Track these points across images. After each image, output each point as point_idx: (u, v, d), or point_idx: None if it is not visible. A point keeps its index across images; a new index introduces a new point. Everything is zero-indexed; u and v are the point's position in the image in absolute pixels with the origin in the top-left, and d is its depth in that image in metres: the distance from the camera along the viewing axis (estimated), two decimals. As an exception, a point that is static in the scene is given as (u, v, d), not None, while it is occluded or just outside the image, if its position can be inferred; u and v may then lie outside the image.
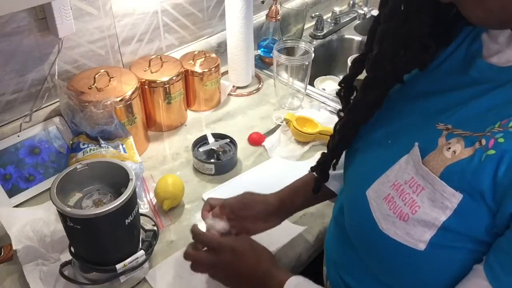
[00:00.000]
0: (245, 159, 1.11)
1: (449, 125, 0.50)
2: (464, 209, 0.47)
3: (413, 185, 0.50)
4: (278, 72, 1.29)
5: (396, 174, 0.53)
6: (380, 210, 0.54)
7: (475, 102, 0.50)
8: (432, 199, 0.48)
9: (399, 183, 0.52)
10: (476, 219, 0.47)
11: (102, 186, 0.79)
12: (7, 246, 0.85)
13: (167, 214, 0.96)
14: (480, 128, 0.47)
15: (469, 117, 0.50)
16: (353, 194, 0.62)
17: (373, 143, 0.61)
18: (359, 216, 0.59)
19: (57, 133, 1.05)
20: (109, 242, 0.74)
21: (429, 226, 0.49)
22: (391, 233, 0.52)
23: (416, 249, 0.50)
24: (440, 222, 0.48)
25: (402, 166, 0.53)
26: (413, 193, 0.50)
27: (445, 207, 0.47)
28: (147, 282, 0.82)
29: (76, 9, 1.00)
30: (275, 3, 1.39)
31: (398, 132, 0.58)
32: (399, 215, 0.51)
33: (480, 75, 0.52)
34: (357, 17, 1.71)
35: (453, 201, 0.47)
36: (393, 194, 0.52)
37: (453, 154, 0.48)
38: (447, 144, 0.49)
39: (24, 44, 0.95)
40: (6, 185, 0.95)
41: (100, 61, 1.12)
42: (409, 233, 0.50)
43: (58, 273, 0.78)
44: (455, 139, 0.49)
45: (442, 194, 0.48)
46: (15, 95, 0.99)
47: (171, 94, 1.14)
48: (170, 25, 1.25)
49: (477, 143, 0.46)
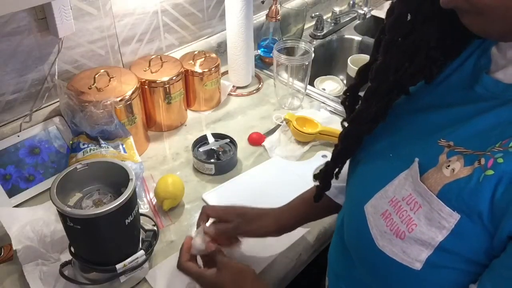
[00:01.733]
0: (245, 159, 1.11)
1: (451, 142, 0.49)
2: (462, 230, 0.45)
3: (410, 202, 0.49)
4: (278, 72, 1.29)
5: (395, 190, 0.52)
6: (377, 226, 0.52)
7: (478, 120, 0.48)
8: (429, 218, 0.47)
9: (397, 199, 0.51)
10: (474, 240, 0.45)
11: (102, 186, 0.79)
12: (7, 246, 0.85)
13: (167, 214, 0.96)
14: (481, 146, 0.46)
15: (472, 134, 0.48)
16: (352, 208, 0.61)
17: (375, 155, 0.60)
18: (357, 232, 0.58)
19: (57, 133, 1.05)
20: (109, 242, 0.74)
21: (426, 246, 0.47)
22: (387, 250, 0.50)
23: (413, 268, 0.49)
24: (436, 242, 0.47)
25: (401, 182, 0.51)
26: (411, 211, 0.49)
27: (442, 227, 0.46)
28: (147, 282, 0.82)
29: (76, 9, 1.00)
30: (275, 3, 1.39)
31: (400, 146, 0.56)
32: (395, 232, 0.50)
33: (486, 91, 0.50)
34: (357, 17, 1.70)
35: (451, 221, 0.45)
36: (390, 210, 0.51)
37: (451, 172, 0.46)
38: (447, 162, 0.47)
39: (24, 44, 0.95)
40: (6, 185, 0.95)
41: (100, 61, 1.12)
42: (406, 251, 0.49)
43: (58, 273, 0.78)
44: (456, 157, 0.47)
45: (439, 213, 0.46)
46: (15, 95, 0.99)
47: (171, 94, 1.14)
48: (170, 25, 1.25)
49: (476, 162, 0.45)
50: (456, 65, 0.57)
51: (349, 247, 0.62)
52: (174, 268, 0.83)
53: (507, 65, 0.49)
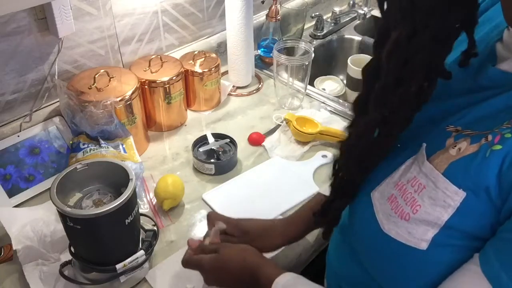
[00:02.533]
0: (245, 159, 1.11)
1: (459, 127, 0.50)
2: (468, 207, 0.46)
3: (415, 184, 0.50)
4: (278, 72, 1.29)
5: (401, 175, 0.52)
6: (383, 210, 0.53)
7: (485, 104, 0.49)
8: (433, 198, 0.48)
9: (402, 182, 0.52)
10: (481, 217, 0.46)
11: (102, 186, 0.79)
12: (7, 246, 0.85)
13: (167, 214, 0.96)
14: (488, 127, 0.47)
15: (479, 118, 0.49)
16: (359, 197, 0.61)
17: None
18: (362, 218, 0.58)
19: (57, 133, 1.05)
20: (109, 242, 0.74)
21: (431, 225, 0.48)
22: (392, 233, 0.51)
23: (418, 248, 0.49)
24: (442, 221, 0.47)
25: (408, 166, 0.52)
26: (415, 192, 0.50)
27: (447, 206, 0.47)
28: (147, 282, 0.82)
29: (76, 9, 1.00)
30: (275, 3, 1.39)
31: (408, 136, 0.57)
32: (400, 214, 0.51)
33: (491, 82, 0.51)
34: (357, 17, 1.71)
35: (456, 199, 0.46)
36: (396, 194, 0.52)
37: (458, 151, 0.47)
38: (454, 144, 0.48)
39: (24, 44, 0.95)
40: (6, 185, 0.95)
41: (100, 61, 1.12)
42: (411, 232, 0.50)
43: (58, 273, 0.78)
44: (463, 138, 0.48)
45: (444, 192, 0.47)
46: (15, 95, 0.99)
47: (171, 94, 1.14)
48: (170, 25, 1.25)
49: (483, 139, 0.45)
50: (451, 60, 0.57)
51: (352, 237, 0.62)
52: (174, 268, 0.83)
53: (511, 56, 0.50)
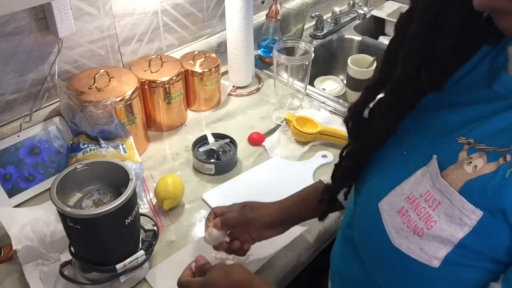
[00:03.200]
0: (245, 159, 1.11)
1: (471, 140, 0.48)
2: (484, 227, 0.44)
3: (429, 199, 0.48)
4: (278, 72, 1.29)
5: (411, 187, 0.51)
6: (392, 223, 0.52)
7: (499, 117, 0.48)
8: (449, 215, 0.46)
9: (414, 196, 0.50)
10: (496, 238, 0.45)
11: (102, 186, 0.79)
12: (7, 246, 0.85)
13: (167, 214, 0.96)
14: (504, 143, 0.45)
15: (493, 132, 0.47)
16: (365, 206, 0.60)
17: (387, 152, 0.59)
18: (371, 229, 0.57)
19: (57, 133, 1.05)
20: (109, 242, 0.74)
21: (445, 243, 0.47)
22: (403, 247, 0.50)
23: (430, 265, 0.48)
24: (457, 239, 0.46)
25: (418, 179, 0.51)
26: (429, 208, 0.48)
27: (463, 224, 0.45)
28: (147, 282, 0.82)
29: (76, 9, 1.00)
30: (275, 3, 1.39)
31: (415, 144, 0.56)
32: (413, 229, 0.49)
33: (505, 90, 0.49)
34: (357, 17, 1.71)
35: (473, 218, 0.45)
36: (407, 207, 0.50)
37: (474, 169, 0.46)
38: (469, 159, 0.47)
39: (24, 44, 0.95)
40: (6, 185, 0.95)
41: (100, 61, 1.12)
42: (423, 248, 0.48)
43: (58, 273, 0.78)
44: (477, 153, 0.46)
45: (461, 210, 0.45)
46: (15, 95, 0.99)
47: (171, 94, 1.14)
48: (170, 25, 1.25)
49: (501, 158, 0.44)
50: (471, 66, 0.55)
51: (360, 246, 0.61)
52: (174, 268, 0.83)
53: None
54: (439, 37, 0.51)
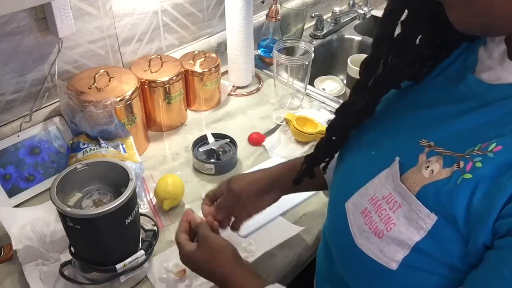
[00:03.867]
0: (245, 159, 1.11)
1: (431, 142, 0.49)
2: (438, 232, 0.45)
3: (390, 201, 0.49)
4: (278, 72, 1.29)
5: (375, 188, 0.51)
6: (356, 224, 0.52)
7: (459, 120, 0.48)
8: (408, 218, 0.47)
9: (377, 197, 0.50)
10: (449, 243, 0.45)
11: (102, 186, 0.79)
12: (7, 246, 0.85)
13: (167, 214, 0.96)
14: (460, 148, 0.46)
15: (451, 135, 0.48)
16: (334, 205, 0.61)
17: (358, 151, 0.60)
18: (338, 229, 0.58)
19: (57, 133, 1.05)
20: (109, 242, 0.74)
21: (402, 246, 0.47)
22: (365, 248, 0.50)
23: (389, 268, 0.49)
24: (413, 242, 0.46)
25: (382, 181, 0.51)
26: (390, 210, 0.49)
27: (419, 227, 0.46)
28: (147, 282, 0.82)
29: (76, 9, 1.00)
30: (275, 3, 1.39)
31: (382, 142, 0.56)
32: (374, 231, 0.50)
33: (469, 91, 0.50)
34: (357, 17, 1.71)
35: (428, 222, 0.45)
36: (370, 208, 0.51)
37: (430, 173, 0.46)
38: (427, 163, 0.47)
39: (24, 44, 0.95)
40: (6, 185, 0.95)
41: (100, 61, 1.12)
42: (383, 250, 0.49)
43: (58, 273, 0.78)
44: (435, 157, 0.47)
45: (418, 213, 0.46)
46: (15, 95, 0.99)
47: (171, 94, 1.14)
48: (170, 25, 1.25)
49: (456, 165, 0.45)
50: (446, 64, 0.57)
51: (330, 244, 0.62)
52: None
53: (493, 66, 0.49)
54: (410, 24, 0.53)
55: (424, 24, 0.53)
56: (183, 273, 0.82)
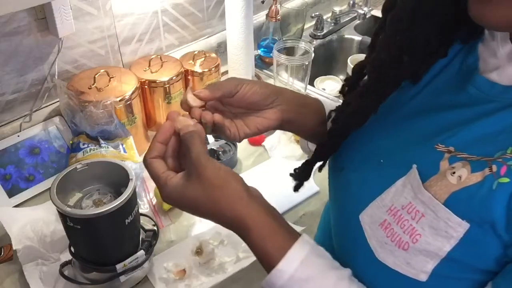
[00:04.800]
0: (245, 159, 1.11)
1: (451, 148, 0.46)
2: (471, 239, 0.43)
3: (411, 210, 0.47)
4: (278, 72, 1.29)
5: (392, 198, 0.49)
6: (376, 237, 0.49)
7: (480, 123, 0.46)
8: (434, 227, 0.45)
9: (396, 208, 0.48)
10: (485, 249, 0.43)
11: (102, 186, 0.79)
12: (7, 246, 0.85)
13: (167, 214, 0.96)
14: (488, 152, 0.44)
15: (474, 139, 0.45)
16: (344, 218, 0.58)
17: (362, 161, 0.57)
18: (352, 243, 0.55)
19: (57, 133, 1.05)
20: (109, 242, 0.74)
21: (431, 256, 0.45)
22: (389, 262, 0.48)
23: (418, 280, 0.46)
24: (444, 252, 0.44)
25: (399, 190, 0.48)
26: (412, 220, 0.46)
27: (449, 236, 0.44)
28: (147, 282, 0.82)
29: (76, 9, 1.00)
30: (275, 3, 1.39)
31: (391, 151, 0.53)
32: (397, 243, 0.47)
33: (480, 93, 0.48)
34: (357, 17, 1.71)
35: (459, 230, 0.43)
36: (390, 220, 0.48)
37: (458, 179, 0.44)
38: (451, 169, 0.45)
39: (24, 44, 0.95)
40: (6, 185, 0.95)
41: (100, 61, 1.12)
42: (410, 262, 0.46)
43: (58, 273, 0.78)
44: (460, 163, 0.45)
45: (447, 222, 0.44)
46: (15, 95, 0.99)
47: (171, 94, 1.14)
48: (170, 25, 1.25)
49: (487, 169, 0.43)
50: (442, 65, 0.54)
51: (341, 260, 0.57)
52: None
53: (501, 66, 0.47)
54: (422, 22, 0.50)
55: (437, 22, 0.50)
56: (183, 273, 0.82)
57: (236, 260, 0.86)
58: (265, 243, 0.51)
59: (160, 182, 0.51)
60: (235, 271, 0.84)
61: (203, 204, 0.50)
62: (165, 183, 0.51)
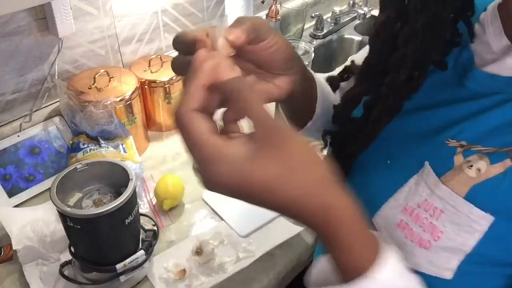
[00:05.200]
0: (245, 159, 1.11)
1: (463, 142, 0.46)
2: (497, 231, 0.42)
3: (428, 208, 0.46)
4: (278, 72, 1.29)
5: (406, 197, 0.48)
6: (393, 239, 0.49)
7: (488, 116, 0.45)
8: (456, 223, 0.44)
9: (411, 207, 0.47)
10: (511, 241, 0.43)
11: (102, 186, 0.79)
12: (7, 246, 0.85)
13: (167, 214, 0.96)
14: (505, 142, 0.43)
15: (486, 132, 0.45)
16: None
17: (368, 164, 0.56)
18: None
19: (57, 133, 1.05)
20: (109, 242, 0.74)
21: (456, 252, 0.44)
22: (410, 263, 0.46)
23: (442, 278, 0.46)
24: (469, 247, 0.44)
25: (412, 188, 0.48)
26: (431, 217, 0.46)
27: (473, 230, 0.43)
28: (147, 282, 0.82)
29: (76, 9, 1.00)
30: (275, 3, 1.39)
31: (397, 151, 0.53)
32: (418, 242, 0.46)
33: (481, 86, 0.47)
34: (357, 17, 1.71)
35: (483, 223, 0.42)
36: (406, 219, 0.48)
37: (477, 172, 0.43)
38: (467, 162, 0.44)
39: (24, 44, 0.95)
40: (6, 185, 0.95)
41: (100, 61, 1.12)
42: (432, 261, 0.46)
43: (58, 273, 0.78)
44: (476, 156, 0.44)
45: (469, 216, 0.43)
46: (15, 95, 0.99)
47: (171, 94, 1.14)
48: (170, 25, 1.25)
49: (508, 159, 0.42)
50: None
51: None
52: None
53: (499, 58, 0.46)
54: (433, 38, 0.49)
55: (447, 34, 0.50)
56: (183, 273, 0.82)
57: (236, 260, 0.86)
58: (356, 239, 0.37)
59: (209, 152, 0.34)
60: (235, 271, 0.84)
61: (282, 188, 0.34)
62: (219, 153, 0.34)
